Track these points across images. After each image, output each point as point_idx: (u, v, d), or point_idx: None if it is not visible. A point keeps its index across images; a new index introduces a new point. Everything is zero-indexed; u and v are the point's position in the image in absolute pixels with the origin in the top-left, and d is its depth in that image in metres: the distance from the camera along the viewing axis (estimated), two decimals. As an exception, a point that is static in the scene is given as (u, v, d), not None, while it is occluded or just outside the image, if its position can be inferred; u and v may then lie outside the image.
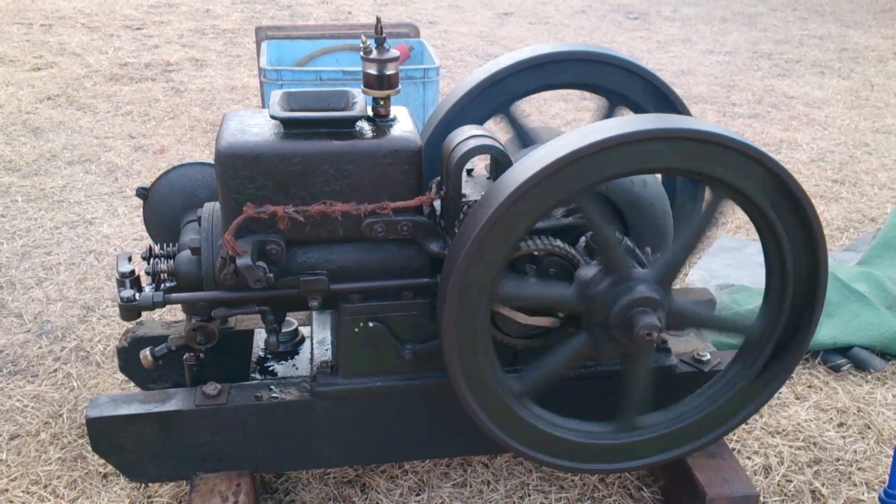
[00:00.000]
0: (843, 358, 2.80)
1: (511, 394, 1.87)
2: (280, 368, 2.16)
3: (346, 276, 1.89)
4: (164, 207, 2.15)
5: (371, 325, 1.91)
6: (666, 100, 2.21)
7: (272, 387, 2.00)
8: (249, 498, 1.98)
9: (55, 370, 2.66)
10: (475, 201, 1.84)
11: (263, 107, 4.35)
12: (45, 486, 2.20)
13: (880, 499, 2.00)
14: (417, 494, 2.22)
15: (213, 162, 2.05)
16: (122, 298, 1.82)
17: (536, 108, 5.22)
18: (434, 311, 1.90)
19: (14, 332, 2.85)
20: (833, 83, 6.00)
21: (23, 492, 2.18)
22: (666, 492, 2.23)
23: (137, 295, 1.84)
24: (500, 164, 1.83)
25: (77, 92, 5.24)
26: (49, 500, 2.16)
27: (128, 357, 2.26)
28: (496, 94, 2.18)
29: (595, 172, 1.65)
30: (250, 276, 1.75)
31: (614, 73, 2.18)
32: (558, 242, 1.85)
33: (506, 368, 2.00)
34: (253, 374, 2.11)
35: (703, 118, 5.06)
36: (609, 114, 2.25)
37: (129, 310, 1.83)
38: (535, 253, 1.86)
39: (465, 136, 1.82)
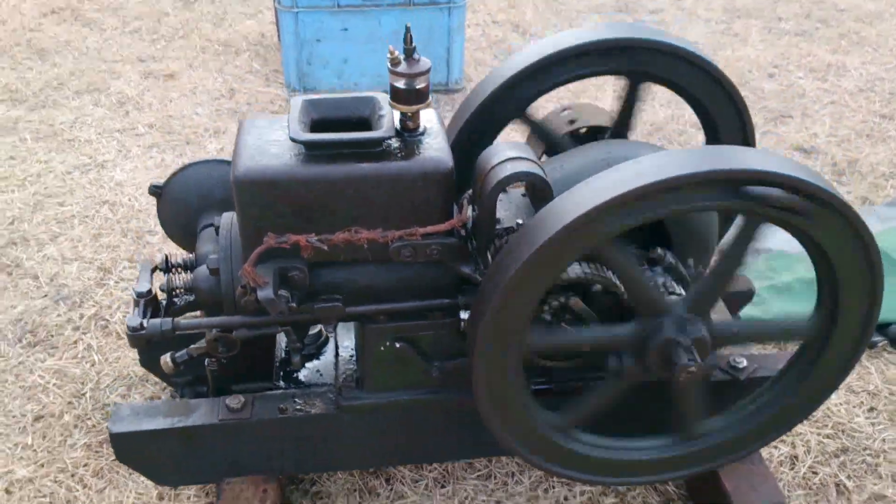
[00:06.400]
0: (879, 335, 2.71)
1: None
2: (304, 373, 2.10)
3: (372, 296, 1.80)
4: (178, 206, 2.04)
5: (398, 345, 1.84)
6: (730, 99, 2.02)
7: (297, 399, 1.96)
8: (277, 503, 1.98)
9: (75, 341, 2.63)
10: (511, 227, 1.73)
11: (278, 31, 4.11)
12: (73, 475, 2.21)
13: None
14: (442, 486, 2.22)
15: (228, 160, 1.93)
16: (129, 327, 1.75)
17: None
18: (462, 329, 1.82)
19: (31, 296, 2.80)
20: (887, -8, 5.58)
21: (51, 481, 2.19)
22: (692, 490, 2.21)
23: (145, 322, 1.77)
24: (537, 187, 1.69)
25: (82, 4, 4.97)
26: (77, 491, 2.17)
27: (148, 352, 2.21)
28: (535, 83, 2.00)
29: (659, 208, 1.52)
30: (272, 308, 1.66)
31: (673, 64, 1.98)
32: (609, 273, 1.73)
33: (536, 381, 1.96)
34: (277, 382, 2.06)
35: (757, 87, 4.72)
36: (632, 94, 2.08)
37: (137, 339, 1.77)
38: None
39: (503, 157, 1.67)
